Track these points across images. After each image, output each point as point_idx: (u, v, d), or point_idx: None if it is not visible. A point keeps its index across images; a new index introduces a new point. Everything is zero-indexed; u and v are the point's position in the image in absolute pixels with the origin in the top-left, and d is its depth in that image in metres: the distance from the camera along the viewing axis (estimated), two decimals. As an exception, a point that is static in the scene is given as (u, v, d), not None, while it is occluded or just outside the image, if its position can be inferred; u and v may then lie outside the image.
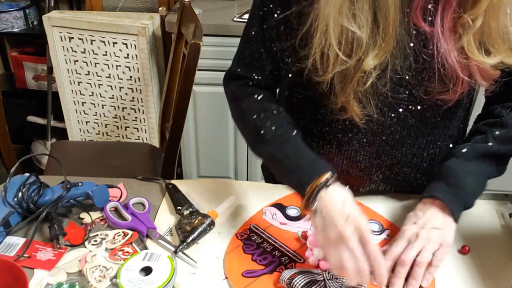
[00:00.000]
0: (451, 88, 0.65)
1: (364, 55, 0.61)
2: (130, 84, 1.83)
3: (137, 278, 0.61)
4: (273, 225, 0.73)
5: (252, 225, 0.73)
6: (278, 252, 0.68)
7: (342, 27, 0.60)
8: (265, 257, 0.67)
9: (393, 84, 0.66)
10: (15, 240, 0.70)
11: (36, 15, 2.06)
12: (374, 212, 0.77)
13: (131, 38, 1.73)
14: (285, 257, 0.67)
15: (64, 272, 0.65)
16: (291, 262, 0.67)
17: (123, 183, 0.84)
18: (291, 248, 0.69)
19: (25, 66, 2.09)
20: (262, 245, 0.70)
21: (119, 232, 0.72)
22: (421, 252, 0.63)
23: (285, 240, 0.70)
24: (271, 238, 0.71)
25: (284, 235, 0.71)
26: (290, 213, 0.76)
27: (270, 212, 0.76)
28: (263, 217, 0.75)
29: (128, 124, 1.93)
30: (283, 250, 0.69)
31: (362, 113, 0.66)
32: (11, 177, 0.74)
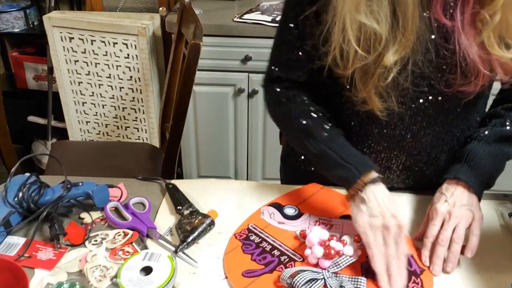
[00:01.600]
0: (472, 81, 0.66)
1: (384, 51, 0.62)
2: (131, 84, 1.83)
3: (137, 278, 0.62)
4: (271, 225, 0.73)
5: (251, 225, 0.74)
6: (277, 251, 0.68)
7: (360, 23, 0.61)
8: (264, 257, 0.67)
9: (414, 78, 0.67)
10: (15, 240, 0.70)
11: (37, 15, 2.06)
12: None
13: (131, 38, 1.73)
14: (285, 256, 0.67)
15: (64, 271, 0.65)
16: (290, 261, 0.67)
17: (124, 183, 0.84)
18: (290, 247, 0.69)
19: (25, 66, 2.09)
20: (261, 244, 0.70)
21: (119, 232, 0.72)
22: (456, 230, 0.66)
23: (283, 239, 0.71)
24: (270, 237, 0.71)
25: (282, 234, 0.72)
26: (288, 212, 0.76)
27: (268, 212, 0.76)
28: (261, 216, 0.76)
29: (128, 124, 1.94)
30: (282, 249, 0.69)
31: (383, 106, 0.68)
32: (11, 177, 0.75)
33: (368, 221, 0.65)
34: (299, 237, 0.71)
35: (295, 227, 0.73)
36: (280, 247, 0.69)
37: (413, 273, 0.64)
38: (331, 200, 0.79)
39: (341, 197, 0.80)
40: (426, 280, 0.64)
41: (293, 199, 0.79)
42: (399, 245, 0.63)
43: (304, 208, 0.77)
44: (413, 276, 0.64)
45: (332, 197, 0.80)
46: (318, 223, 0.74)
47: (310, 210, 0.77)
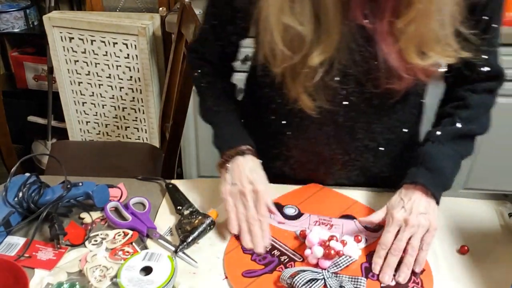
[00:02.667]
0: (396, 82, 0.68)
1: (309, 51, 0.64)
2: (131, 84, 1.83)
3: (137, 278, 0.62)
4: (271, 225, 0.73)
5: None
6: (277, 252, 0.68)
7: (285, 24, 0.63)
8: (264, 257, 0.67)
9: (341, 77, 0.69)
10: (15, 240, 0.70)
11: (37, 15, 2.06)
12: (370, 210, 0.77)
13: (131, 38, 1.73)
14: (285, 256, 0.67)
15: (64, 272, 0.65)
16: (290, 261, 0.67)
17: (124, 183, 0.84)
18: (290, 247, 0.69)
19: (25, 66, 2.09)
20: None
21: (119, 232, 0.72)
22: (412, 240, 0.65)
23: (283, 239, 0.71)
24: (270, 237, 0.71)
25: (282, 234, 0.72)
26: (288, 212, 0.76)
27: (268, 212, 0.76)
28: None
29: (128, 124, 1.94)
30: (282, 250, 0.69)
31: (313, 104, 0.70)
32: (11, 177, 0.75)
33: (229, 189, 0.72)
34: (299, 237, 0.71)
35: (295, 227, 0.73)
36: (280, 247, 0.69)
37: (413, 272, 0.64)
38: (331, 200, 0.79)
39: (341, 197, 0.80)
40: (426, 279, 0.64)
41: (293, 199, 0.79)
42: (259, 208, 0.70)
43: (304, 208, 0.77)
44: (413, 276, 0.64)
45: (332, 197, 0.80)
46: (318, 223, 0.74)
47: (310, 210, 0.77)
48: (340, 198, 0.79)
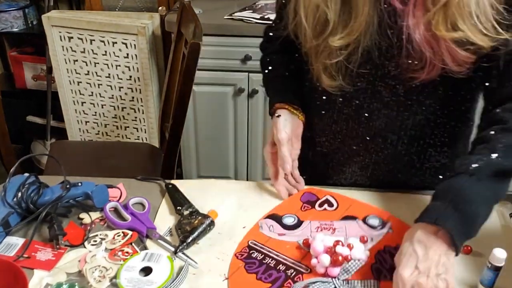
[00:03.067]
0: (421, 67, 0.66)
1: (332, 33, 0.66)
2: (130, 84, 1.83)
3: (137, 279, 0.61)
4: (272, 238, 0.71)
5: (251, 241, 0.70)
6: (282, 266, 0.66)
7: (313, 4, 0.66)
8: (270, 274, 0.64)
9: (362, 60, 0.69)
10: (14, 240, 0.70)
11: (36, 15, 2.05)
12: (370, 207, 0.77)
13: (131, 38, 1.72)
14: (291, 269, 0.65)
15: (63, 272, 0.65)
16: (297, 274, 0.64)
17: (123, 183, 0.84)
18: (295, 259, 0.67)
19: (24, 66, 2.09)
20: (265, 261, 0.67)
21: (118, 232, 0.72)
22: None
23: (287, 252, 0.68)
24: (273, 252, 0.68)
25: (284, 247, 0.69)
26: (287, 222, 0.74)
27: (267, 225, 0.74)
28: (260, 231, 0.73)
29: (127, 124, 1.93)
30: (287, 263, 0.66)
31: (333, 84, 0.71)
32: (10, 177, 0.74)
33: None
34: (302, 247, 0.69)
35: (297, 237, 0.71)
36: (284, 260, 0.67)
37: None
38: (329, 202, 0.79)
39: (338, 197, 0.79)
40: None
41: (290, 207, 0.78)
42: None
43: (303, 216, 0.76)
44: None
45: (329, 200, 0.80)
46: (320, 229, 0.72)
47: (309, 217, 0.75)
48: (338, 199, 0.79)
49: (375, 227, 0.71)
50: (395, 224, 0.71)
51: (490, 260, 0.60)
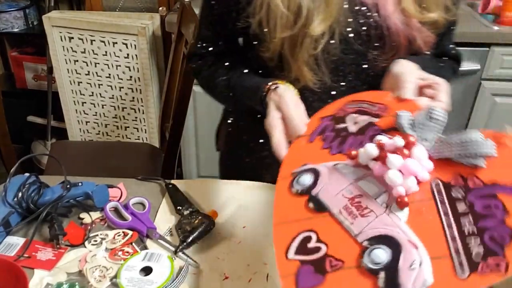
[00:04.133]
0: (397, 51, 0.70)
1: (309, 20, 0.65)
2: (130, 84, 1.83)
3: (137, 278, 0.61)
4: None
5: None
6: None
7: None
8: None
9: (342, 49, 0.70)
10: (15, 240, 0.70)
11: (36, 15, 2.06)
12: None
13: (131, 38, 1.73)
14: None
15: (64, 272, 0.65)
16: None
17: (123, 183, 0.84)
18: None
19: (25, 66, 2.09)
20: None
21: (119, 232, 0.72)
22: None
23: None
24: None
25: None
26: (303, 182, 0.55)
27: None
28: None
29: (128, 124, 1.93)
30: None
31: (315, 78, 0.70)
32: (11, 177, 0.74)
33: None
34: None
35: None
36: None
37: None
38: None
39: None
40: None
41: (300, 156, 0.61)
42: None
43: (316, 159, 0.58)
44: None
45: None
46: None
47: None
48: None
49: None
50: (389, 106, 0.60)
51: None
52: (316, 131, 0.59)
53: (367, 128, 0.56)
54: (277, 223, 0.52)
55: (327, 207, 0.51)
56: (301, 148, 0.58)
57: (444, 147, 0.49)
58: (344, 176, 0.53)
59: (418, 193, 0.48)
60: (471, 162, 0.47)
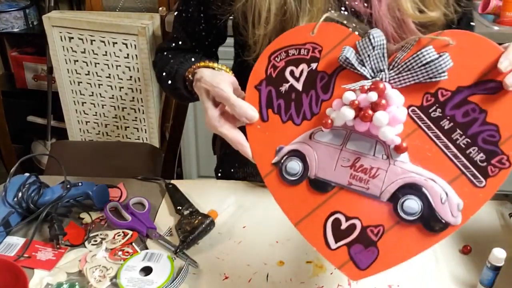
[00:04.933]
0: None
1: (295, 20, 0.62)
2: (130, 84, 1.83)
3: (137, 278, 0.61)
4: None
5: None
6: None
7: None
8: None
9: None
10: (15, 240, 0.70)
11: (36, 15, 2.06)
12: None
13: (131, 38, 1.72)
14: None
15: (64, 272, 0.65)
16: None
17: (123, 183, 0.84)
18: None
19: (25, 66, 2.09)
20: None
21: (119, 232, 0.72)
22: None
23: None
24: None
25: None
26: (291, 170, 0.52)
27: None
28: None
29: (128, 124, 1.93)
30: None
31: None
32: (11, 177, 0.74)
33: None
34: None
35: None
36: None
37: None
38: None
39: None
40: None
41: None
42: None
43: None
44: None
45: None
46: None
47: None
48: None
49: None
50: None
51: (490, 260, 0.60)
52: (262, 104, 0.53)
53: (312, 79, 0.51)
54: (297, 223, 0.51)
55: (333, 183, 0.50)
56: (260, 132, 0.53)
57: (403, 75, 0.47)
58: (328, 145, 0.51)
59: (404, 128, 0.48)
60: (435, 80, 0.46)
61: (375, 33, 0.47)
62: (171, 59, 0.74)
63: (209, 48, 0.80)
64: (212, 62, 0.62)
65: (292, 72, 0.52)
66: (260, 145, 0.53)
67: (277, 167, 0.52)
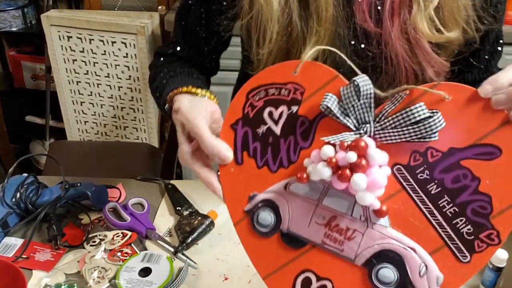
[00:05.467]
0: (398, 82, 0.62)
1: (301, 41, 0.59)
2: (129, 83, 1.82)
3: (136, 279, 0.61)
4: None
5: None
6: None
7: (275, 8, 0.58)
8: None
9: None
10: (13, 241, 0.70)
11: (35, 14, 2.05)
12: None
13: (130, 37, 1.72)
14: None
15: (62, 273, 0.64)
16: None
17: (122, 183, 0.83)
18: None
19: (23, 65, 2.09)
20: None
21: (118, 233, 0.72)
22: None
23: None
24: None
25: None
26: (263, 221, 0.50)
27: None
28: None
29: (127, 124, 1.93)
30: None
31: None
32: (9, 178, 0.74)
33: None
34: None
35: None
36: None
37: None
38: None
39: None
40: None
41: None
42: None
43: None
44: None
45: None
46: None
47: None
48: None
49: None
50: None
51: (492, 261, 0.60)
52: (238, 146, 0.49)
53: (292, 124, 0.47)
54: (266, 276, 0.49)
55: (306, 240, 0.47)
56: (234, 175, 0.50)
57: (390, 132, 0.43)
58: (304, 199, 0.47)
59: (387, 189, 0.43)
60: (425, 141, 0.42)
61: (362, 80, 0.43)
62: (164, 69, 0.71)
63: (209, 56, 0.77)
64: (196, 88, 0.59)
65: (271, 113, 0.48)
66: (232, 189, 0.50)
67: (249, 216, 0.50)
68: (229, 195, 0.50)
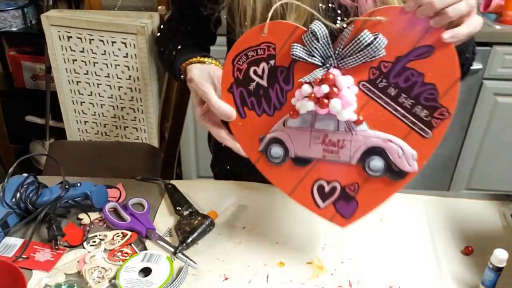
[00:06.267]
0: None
1: (282, 18, 0.62)
2: (129, 83, 1.82)
3: (136, 279, 0.61)
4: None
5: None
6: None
7: None
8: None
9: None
10: (13, 241, 0.70)
11: (35, 14, 2.05)
12: None
13: (130, 37, 1.72)
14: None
15: (62, 273, 0.64)
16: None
17: (122, 183, 0.83)
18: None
19: (23, 65, 2.09)
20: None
21: (118, 233, 0.71)
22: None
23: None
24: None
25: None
26: (274, 154, 0.63)
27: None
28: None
29: (127, 124, 1.93)
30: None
31: None
32: (9, 177, 0.74)
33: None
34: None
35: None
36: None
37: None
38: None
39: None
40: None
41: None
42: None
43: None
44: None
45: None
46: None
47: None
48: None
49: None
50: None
51: (492, 261, 0.59)
52: (238, 104, 0.62)
53: (274, 74, 0.59)
54: (291, 192, 0.63)
55: (311, 158, 0.61)
56: (242, 128, 0.62)
57: (349, 59, 0.55)
58: (300, 128, 0.60)
59: (358, 102, 0.56)
60: (376, 58, 0.54)
61: (316, 26, 0.54)
62: (171, 39, 0.81)
63: (205, 31, 0.82)
64: (203, 57, 0.67)
65: (255, 71, 0.60)
66: (245, 138, 0.63)
67: (263, 153, 0.63)
68: (243, 143, 0.63)
